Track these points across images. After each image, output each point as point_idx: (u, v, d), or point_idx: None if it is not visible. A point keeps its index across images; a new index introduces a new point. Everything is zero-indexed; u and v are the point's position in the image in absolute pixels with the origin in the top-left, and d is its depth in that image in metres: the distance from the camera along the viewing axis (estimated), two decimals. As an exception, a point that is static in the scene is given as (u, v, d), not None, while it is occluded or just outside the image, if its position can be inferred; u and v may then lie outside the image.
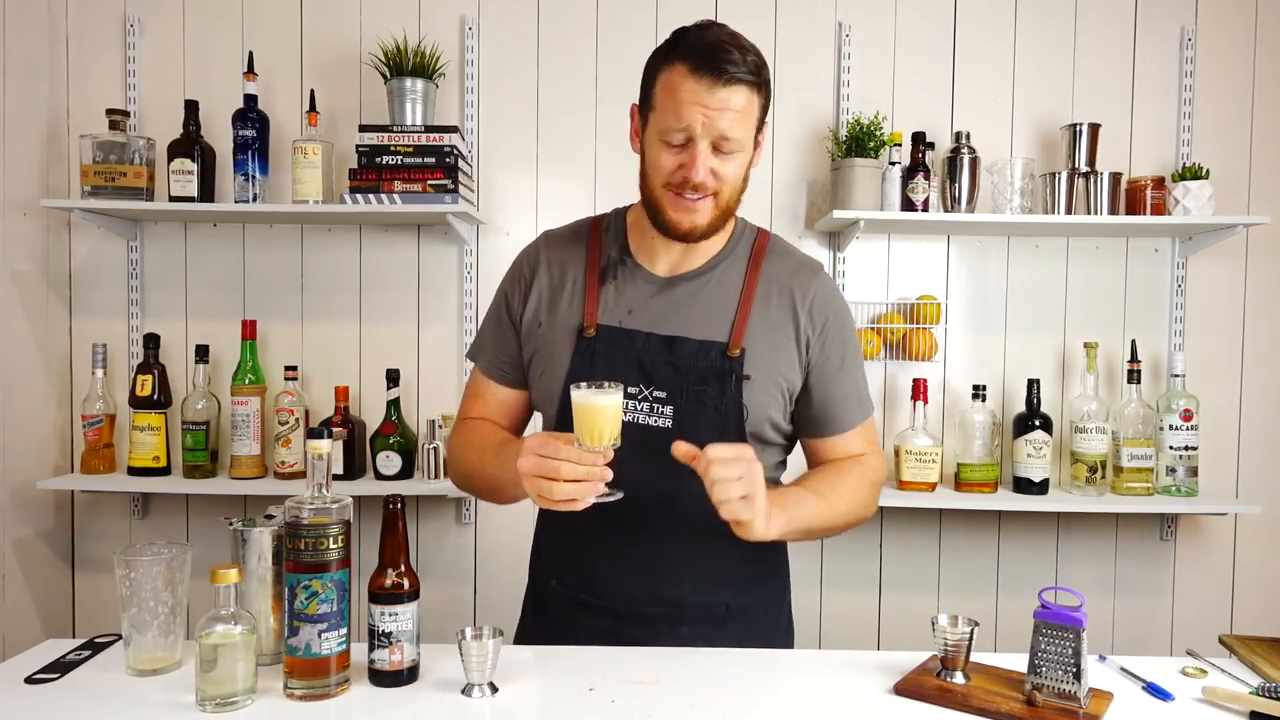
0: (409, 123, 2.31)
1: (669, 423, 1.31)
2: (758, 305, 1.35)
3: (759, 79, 1.25)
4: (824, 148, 2.46)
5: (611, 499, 1.17)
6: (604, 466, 1.15)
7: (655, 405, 1.31)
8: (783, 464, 1.44)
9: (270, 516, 1.27)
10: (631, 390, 1.31)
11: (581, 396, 1.16)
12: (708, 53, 1.22)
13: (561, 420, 1.35)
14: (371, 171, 2.25)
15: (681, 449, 1.17)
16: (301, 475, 2.30)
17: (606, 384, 1.17)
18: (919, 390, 2.35)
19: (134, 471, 2.33)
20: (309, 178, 2.27)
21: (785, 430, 1.39)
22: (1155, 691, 1.18)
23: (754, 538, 1.18)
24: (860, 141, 2.32)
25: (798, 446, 1.46)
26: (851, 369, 1.40)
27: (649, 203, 1.32)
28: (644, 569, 1.34)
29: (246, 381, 2.33)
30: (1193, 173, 2.31)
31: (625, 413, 1.30)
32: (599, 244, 1.41)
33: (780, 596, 1.49)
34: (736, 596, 1.37)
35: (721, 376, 1.30)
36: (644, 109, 1.31)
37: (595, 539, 1.36)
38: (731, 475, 1.14)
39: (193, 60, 2.47)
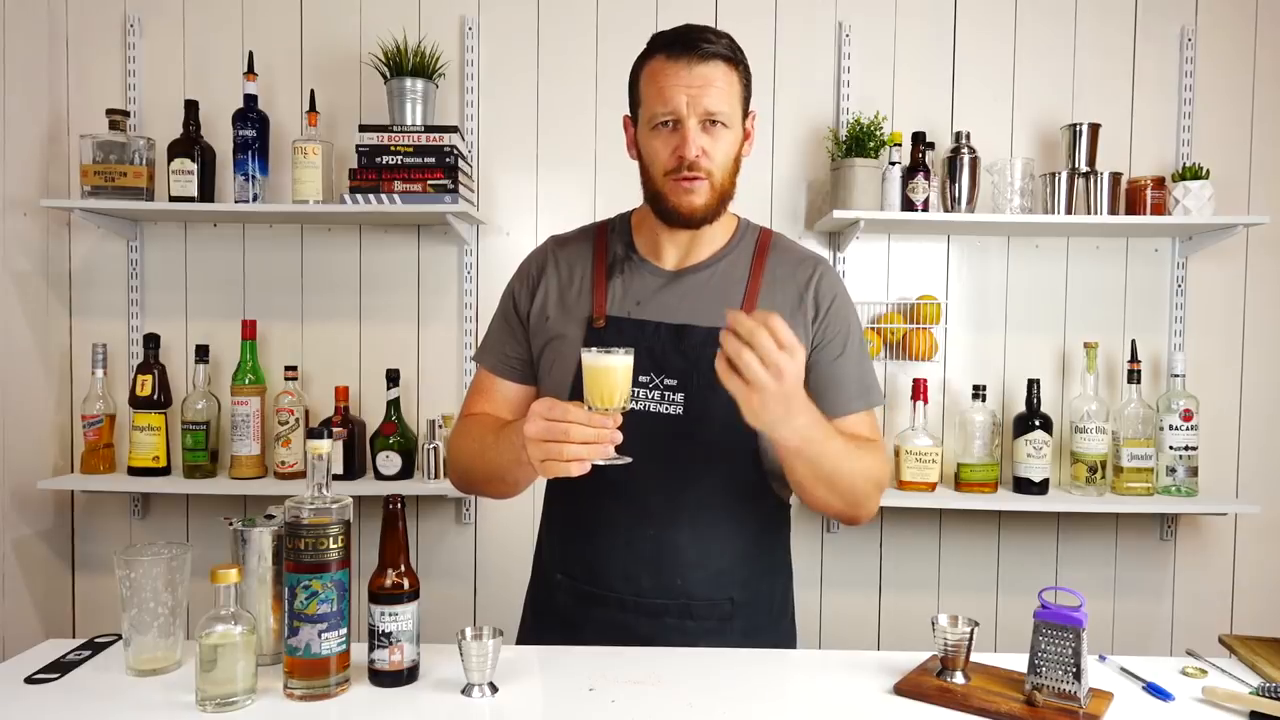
0: (409, 123, 2.31)
1: (680, 410, 1.31)
2: (764, 293, 1.37)
3: (735, 57, 1.31)
4: (824, 148, 2.46)
5: (619, 463, 1.16)
6: (614, 429, 1.15)
7: (666, 393, 1.32)
8: None
9: (270, 516, 1.27)
10: (642, 379, 1.32)
11: (592, 358, 1.16)
12: (679, 36, 1.30)
13: None
14: (371, 171, 2.25)
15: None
16: (301, 475, 2.30)
17: (617, 347, 1.17)
18: (919, 390, 2.35)
19: (134, 471, 2.33)
20: (309, 178, 2.27)
21: None
22: (1155, 691, 1.18)
23: (771, 424, 1.13)
24: (860, 141, 2.32)
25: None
26: (853, 356, 1.40)
27: (652, 197, 1.35)
28: (652, 558, 1.34)
29: (246, 381, 2.33)
30: (1193, 173, 2.31)
31: (636, 402, 1.31)
32: (605, 243, 1.43)
33: (784, 593, 1.49)
34: (741, 591, 1.37)
35: None
36: (634, 110, 1.36)
37: (603, 530, 1.36)
38: (771, 379, 1.07)
39: (193, 60, 2.47)
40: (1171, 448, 2.32)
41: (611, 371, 1.16)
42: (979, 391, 2.36)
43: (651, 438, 1.31)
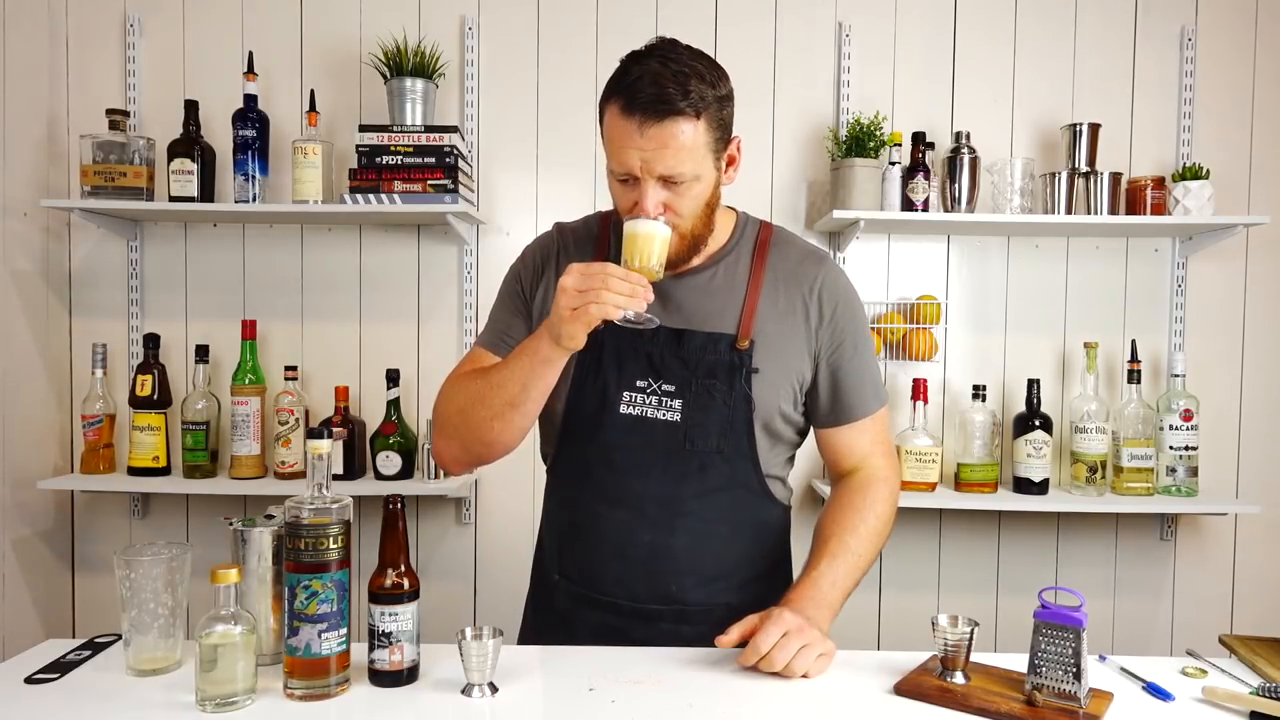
0: (409, 123, 2.31)
1: (677, 416, 1.31)
2: (765, 297, 1.35)
3: (697, 109, 1.19)
4: (824, 148, 2.46)
5: (646, 324, 1.20)
6: (648, 288, 1.18)
7: (664, 399, 1.31)
8: (791, 460, 1.44)
9: (270, 516, 1.27)
10: (640, 383, 1.32)
11: (634, 223, 1.21)
12: (637, 89, 1.19)
13: (568, 417, 1.35)
14: (371, 171, 2.25)
15: (730, 639, 1.20)
16: (301, 475, 2.30)
17: (660, 217, 1.22)
18: (919, 390, 2.35)
19: (134, 471, 2.33)
20: (309, 178, 2.27)
21: (796, 422, 1.39)
22: (1155, 691, 1.18)
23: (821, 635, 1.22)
24: (860, 141, 2.32)
25: (808, 441, 1.47)
26: (864, 355, 1.40)
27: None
28: (648, 565, 1.34)
29: (246, 381, 2.33)
30: (1193, 173, 2.31)
31: (633, 407, 1.31)
32: (607, 240, 1.42)
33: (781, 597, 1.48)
34: (738, 596, 1.36)
35: (730, 370, 1.31)
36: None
37: (599, 534, 1.36)
38: (793, 647, 1.16)
39: (193, 60, 2.47)
40: (1171, 448, 2.32)
41: (651, 237, 1.20)
42: (979, 391, 2.36)
43: (648, 444, 1.31)
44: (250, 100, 2.32)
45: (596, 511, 1.35)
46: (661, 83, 1.18)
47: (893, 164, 2.33)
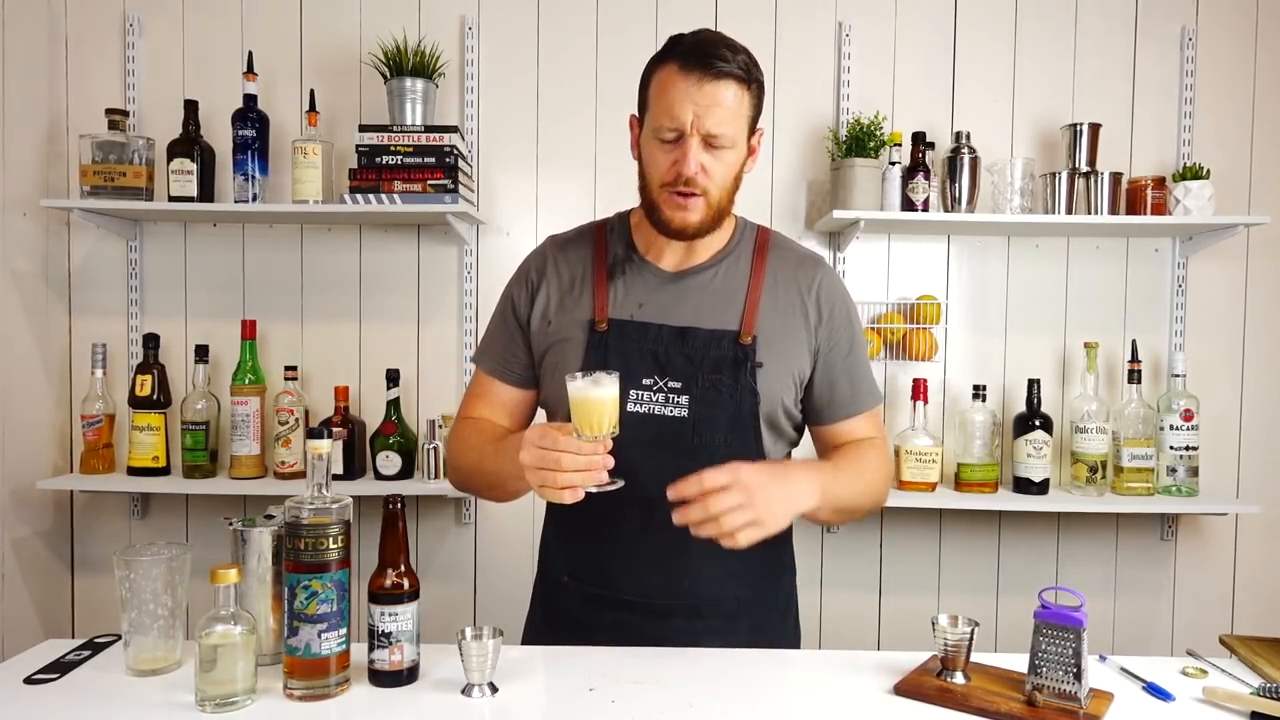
0: (409, 123, 2.31)
1: (684, 412, 1.32)
2: (765, 294, 1.38)
3: (748, 77, 1.28)
4: (824, 148, 2.46)
5: (611, 488, 1.18)
6: (605, 455, 1.17)
7: (670, 396, 1.33)
8: (788, 457, 1.45)
9: (270, 516, 1.27)
10: (646, 381, 1.33)
11: (577, 388, 1.17)
12: (696, 50, 1.26)
13: None
14: (371, 171, 2.25)
15: (676, 490, 1.18)
16: (301, 475, 2.30)
17: (603, 374, 1.18)
18: (919, 390, 2.35)
19: (133, 471, 2.33)
20: (309, 178, 2.27)
21: (796, 418, 1.41)
22: (1155, 692, 1.18)
23: (785, 515, 1.20)
24: (860, 141, 2.32)
25: (804, 440, 1.48)
26: (859, 355, 1.43)
27: (647, 205, 1.35)
28: (660, 561, 1.35)
29: (246, 381, 2.33)
30: (1193, 173, 2.31)
31: (640, 405, 1.32)
32: (605, 243, 1.43)
33: (790, 591, 1.50)
34: (747, 590, 1.38)
35: (735, 364, 1.32)
36: (641, 113, 1.35)
37: (610, 533, 1.36)
38: (733, 503, 1.15)
39: (193, 60, 2.47)
40: (1172, 448, 2.32)
41: (599, 402, 1.17)
42: (979, 391, 2.36)
43: (656, 440, 1.32)
44: (250, 100, 2.32)
45: (607, 510, 1.36)
46: (720, 49, 1.27)
47: (893, 164, 2.33)
